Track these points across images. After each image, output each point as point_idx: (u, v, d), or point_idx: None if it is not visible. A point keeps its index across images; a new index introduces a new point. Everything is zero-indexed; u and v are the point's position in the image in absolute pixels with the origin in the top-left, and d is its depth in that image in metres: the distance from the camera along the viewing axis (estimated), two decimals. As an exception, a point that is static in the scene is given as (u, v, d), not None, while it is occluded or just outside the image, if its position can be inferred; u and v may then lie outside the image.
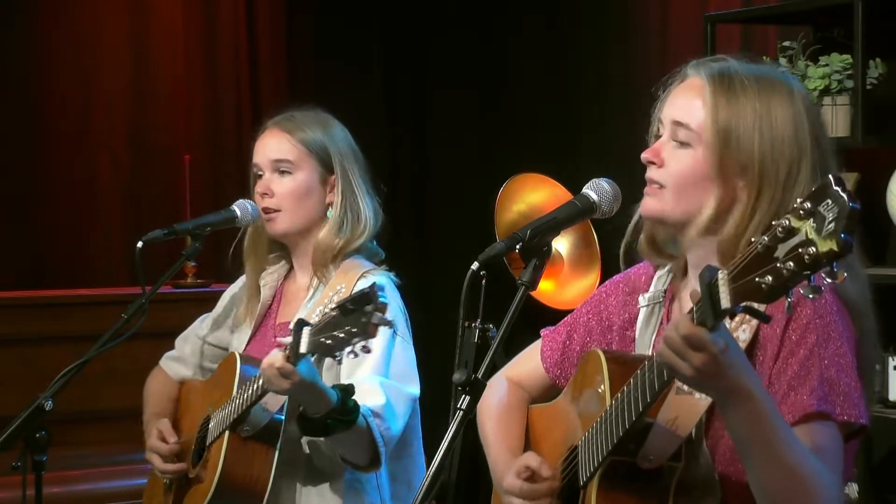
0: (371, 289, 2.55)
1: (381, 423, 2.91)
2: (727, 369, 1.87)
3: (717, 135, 2.14)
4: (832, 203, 1.64)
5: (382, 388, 2.95)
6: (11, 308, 4.49)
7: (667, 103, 2.23)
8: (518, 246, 2.15)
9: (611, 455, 2.11)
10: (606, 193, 2.23)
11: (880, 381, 3.76)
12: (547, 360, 2.51)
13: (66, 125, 5.44)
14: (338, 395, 2.81)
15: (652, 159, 2.20)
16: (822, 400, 2.03)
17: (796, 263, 1.66)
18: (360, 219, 3.17)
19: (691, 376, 1.88)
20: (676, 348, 1.86)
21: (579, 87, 5.32)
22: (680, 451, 2.09)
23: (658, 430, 2.09)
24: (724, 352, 1.85)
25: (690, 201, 2.17)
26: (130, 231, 5.21)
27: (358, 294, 2.57)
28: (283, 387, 2.75)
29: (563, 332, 2.50)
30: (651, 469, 2.10)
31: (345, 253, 3.16)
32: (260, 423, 3.00)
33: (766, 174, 2.13)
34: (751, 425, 1.93)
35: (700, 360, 1.85)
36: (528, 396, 2.54)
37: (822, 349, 2.06)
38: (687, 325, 1.84)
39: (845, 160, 4.09)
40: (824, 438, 2.03)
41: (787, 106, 2.15)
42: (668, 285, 2.32)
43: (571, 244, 4.91)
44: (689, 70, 2.23)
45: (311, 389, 2.77)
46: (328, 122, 3.23)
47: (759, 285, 1.71)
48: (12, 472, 3.10)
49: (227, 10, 5.75)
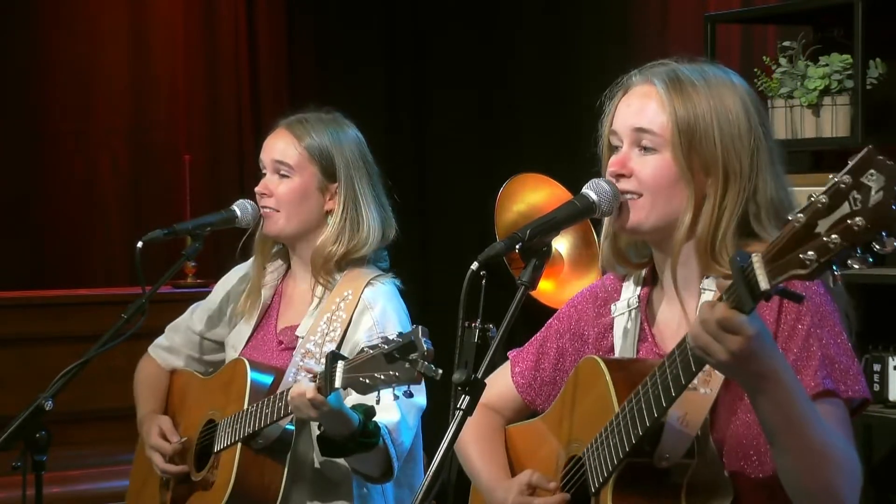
0: (416, 335, 2.53)
1: (396, 440, 2.93)
2: (760, 353, 1.89)
3: (681, 135, 2.16)
4: (877, 173, 1.64)
5: (398, 404, 2.94)
6: (11, 308, 4.49)
7: (619, 114, 2.24)
8: (518, 246, 2.15)
9: (628, 457, 2.11)
10: (606, 193, 2.23)
11: (880, 381, 3.76)
12: (519, 383, 2.49)
13: (66, 125, 5.44)
14: (359, 419, 2.82)
15: (620, 171, 2.21)
16: (828, 378, 2.06)
17: (843, 235, 1.66)
18: (361, 229, 3.15)
19: (726, 360, 1.88)
20: (713, 332, 1.87)
21: (579, 87, 5.31)
22: (693, 448, 2.10)
23: (671, 428, 2.09)
24: (759, 335, 1.87)
25: (666, 205, 2.18)
26: (130, 231, 5.21)
27: (405, 340, 2.55)
28: (312, 416, 2.77)
29: (532, 352, 2.49)
30: (665, 468, 2.10)
31: (348, 260, 3.15)
32: (273, 435, 3.00)
33: (730, 167, 2.15)
34: (781, 409, 1.94)
35: (736, 344, 1.86)
36: (502, 419, 2.53)
37: (818, 329, 2.08)
38: (723, 309, 1.85)
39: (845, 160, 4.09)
40: (836, 415, 2.06)
41: (735, 98, 2.18)
42: (641, 291, 2.32)
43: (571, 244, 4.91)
44: (635, 78, 2.25)
45: (337, 417, 2.79)
46: (340, 129, 3.21)
47: (803, 261, 1.70)
48: (12, 472, 3.11)
49: (227, 10, 5.75)
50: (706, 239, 2.16)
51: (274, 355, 3.17)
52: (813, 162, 4.18)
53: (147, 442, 3.25)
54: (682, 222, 2.17)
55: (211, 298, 3.39)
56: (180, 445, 3.20)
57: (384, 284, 3.13)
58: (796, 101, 3.95)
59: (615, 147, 2.24)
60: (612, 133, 2.25)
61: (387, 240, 3.20)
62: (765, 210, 2.15)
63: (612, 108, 2.26)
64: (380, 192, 3.22)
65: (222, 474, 3.04)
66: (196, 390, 3.31)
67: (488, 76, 5.79)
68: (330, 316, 3.08)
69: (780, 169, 2.20)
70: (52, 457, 3.12)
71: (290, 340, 3.17)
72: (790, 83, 3.96)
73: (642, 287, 2.32)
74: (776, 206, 2.16)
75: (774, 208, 2.16)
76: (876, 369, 3.76)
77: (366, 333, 3.02)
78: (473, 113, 5.85)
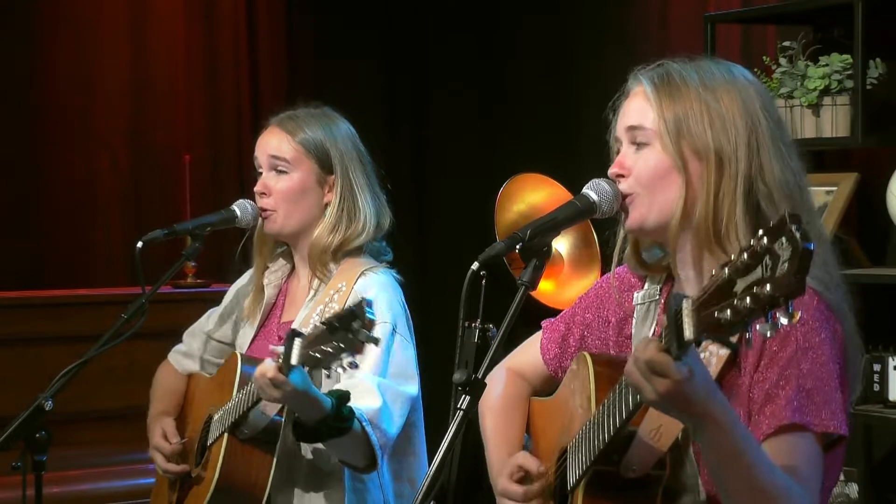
0: (359, 305, 2.56)
1: (377, 426, 2.91)
2: (692, 396, 1.86)
3: (669, 125, 2.17)
4: (786, 242, 1.62)
5: (379, 390, 2.95)
6: (11, 308, 4.49)
7: (619, 120, 2.27)
8: (518, 246, 2.16)
9: (594, 465, 2.12)
10: (606, 193, 2.23)
11: (880, 381, 3.76)
12: (546, 353, 2.52)
13: (66, 125, 5.43)
14: (332, 403, 2.81)
15: (619, 171, 2.23)
16: (798, 411, 2.02)
17: (752, 301, 1.64)
18: (356, 218, 3.16)
19: (654, 400, 1.88)
20: (642, 371, 1.86)
21: (579, 87, 5.32)
22: (664, 460, 2.09)
23: (641, 440, 2.09)
24: (689, 380, 1.84)
25: (663, 198, 2.18)
26: (130, 231, 5.21)
27: (346, 310, 2.58)
28: (275, 396, 2.76)
29: (561, 325, 2.51)
30: (636, 479, 2.10)
31: (344, 251, 3.16)
32: (258, 426, 3.00)
33: (722, 152, 2.15)
34: (719, 451, 1.92)
35: (664, 387, 1.84)
36: (529, 387, 2.55)
37: (801, 358, 2.05)
38: (652, 350, 1.83)
39: (845, 160, 4.10)
40: (798, 450, 2.02)
41: (730, 86, 2.19)
42: (664, 284, 2.33)
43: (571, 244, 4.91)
44: (630, 82, 2.27)
45: (303, 398, 2.78)
46: (332, 122, 3.23)
47: (719, 320, 1.69)
48: (12, 472, 3.11)
49: (227, 10, 5.75)
50: (706, 225, 2.15)
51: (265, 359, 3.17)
52: (813, 162, 4.17)
53: (150, 442, 3.27)
54: (676, 210, 2.17)
55: (224, 302, 3.42)
56: (180, 446, 3.21)
57: (378, 274, 3.13)
58: (796, 101, 3.95)
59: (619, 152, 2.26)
60: (615, 140, 2.28)
61: (382, 228, 3.20)
62: (777, 191, 2.14)
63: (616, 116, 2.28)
64: (374, 181, 3.23)
65: (210, 468, 3.05)
66: (201, 389, 3.32)
67: (488, 76, 5.79)
68: (323, 308, 3.09)
69: (787, 152, 2.18)
70: (52, 457, 3.12)
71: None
72: (790, 83, 3.96)
73: (664, 283, 2.33)
74: (785, 187, 2.15)
75: (786, 189, 2.15)
76: (876, 369, 3.76)
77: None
78: (473, 113, 5.85)
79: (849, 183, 3.98)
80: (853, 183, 3.98)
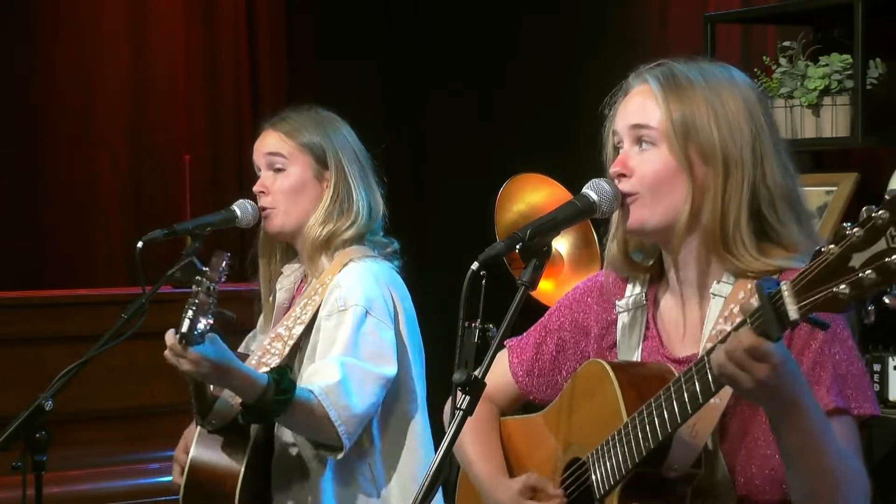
0: (214, 258, 2.72)
1: (335, 399, 2.90)
2: (787, 380, 1.89)
3: (676, 127, 2.16)
4: None
5: (340, 366, 2.95)
6: (11, 308, 4.48)
7: (618, 115, 2.25)
8: (518, 246, 2.15)
9: (637, 468, 2.10)
10: (606, 193, 2.22)
11: (880, 381, 3.76)
12: (516, 373, 2.49)
13: (66, 125, 5.44)
14: (269, 378, 2.83)
15: (622, 171, 2.21)
16: (839, 396, 2.06)
17: (879, 273, 1.66)
18: (349, 209, 3.16)
19: (752, 388, 1.89)
20: (739, 360, 1.87)
21: (579, 87, 5.32)
22: (700, 457, 2.10)
23: (680, 439, 2.09)
24: (785, 363, 1.88)
25: (667, 200, 2.17)
26: (130, 231, 5.21)
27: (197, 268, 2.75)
28: (185, 368, 2.80)
29: (531, 342, 2.48)
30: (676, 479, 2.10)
31: (336, 243, 3.15)
32: (225, 414, 2.99)
33: (729, 156, 2.14)
34: (803, 434, 1.95)
35: (763, 372, 1.87)
36: (496, 409, 2.53)
37: (830, 345, 2.08)
38: (750, 337, 1.85)
39: (845, 160, 4.10)
40: (847, 434, 2.07)
41: (734, 90, 2.18)
42: (648, 289, 2.32)
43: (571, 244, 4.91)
44: (632, 80, 2.26)
45: (227, 372, 2.81)
46: (324, 119, 3.24)
47: (836, 295, 1.71)
48: (12, 472, 3.10)
49: (227, 10, 5.75)
50: (714, 228, 2.14)
51: None
52: (813, 162, 4.18)
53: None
54: (682, 213, 2.16)
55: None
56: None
57: (364, 262, 3.13)
58: (796, 101, 3.95)
59: (618, 150, 2.24)
60: (614, 133, 2.25)
61: (374, 219, 3.20)
62: (778, 197, 2.15)
63: (614, 112, 2.27)
64: (369, 174, 3.23)
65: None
66: None
67: (488, 76, 5.79)
68: (307, 301, 3.09)
69: (786, 158, 2.19)
70: (52, 457, 3.12)
71: None
72: (790, 83, 3.96)
73: (649, 286, 2.31)
74: (785, 191, 2.16)
75: (786, 195, 2.16)
76: (876, 369, 3.76)
77: (327, 310, 3.03)
78: (473, 113, 5.85)
79: (849, 183, 3.98)
80: (853, 183, 3.98)
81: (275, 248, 3.29)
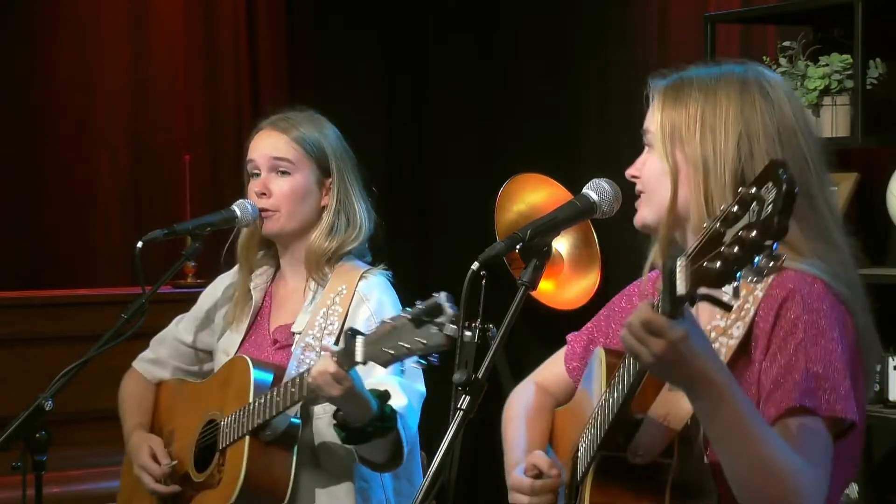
0: (441, 299, 2.54)
1: (405, 424, 2.94)
2: (688, 356, 1.88)
3: (663, 130, 2.19)
4: (772, 185, 1.68)
5: (402, 389, 2.97)
6: (11, 308, 4.49)
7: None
8: (518, 246, 2.16)
9: (601, 450, 2.13)
10: (606, 193, 2.23)
11: (880, 381, 3.76)
12: (570, 365, 2.53)
13: (66, 125, 5.44)
14: (377, 403, 2.85)
15: (633, 174, 2.26)
16: (806, 394, 2.02)
17: (740, 247, 1.68)
18: (353, 221, 3.18)
19: (652, 363, 1.89)
20: (637, 334, 1.88)
21: (579, 87, 5.32)
22: (671, 447, 2.09)
23: (648, 425, 2.09)
24: (684, 339, 1.86)
25: (657, 198, 2.20)
26: (130, 231, 5.21)
27: (430, 306, 2.55)
28: (334, 394, 2.78)
29: (584, 337, 2.52)
30: (644, 465, 2.10)
31: (339, 255, 3.17)
32: (281, 427, 3.00)
33: (707, 161, 2.15)
34: (717, 414, 1.93)
35: (659, 347, 1.86)
36: (553, 400, 2.56)
37: (809, 345, 2.05)
38: (646, 310, 1.86)
39: (845, 160, 4.10)
40: (807, 433, 2.02)
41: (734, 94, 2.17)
42: None
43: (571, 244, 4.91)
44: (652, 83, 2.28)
45: (357, 398, 2.81)
46: (322, 124, 3.24)
47: (709, 270, 1.73)
48: (12, 472, 3.10)
49: (227, 10, 5.75)
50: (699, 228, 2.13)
51: (269, 355, 3.17)
52: (813, 162, 4.17)
53: (136, 461, 3.23)
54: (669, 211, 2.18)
55: (197, 307, 3.39)
56: (169, 469, 3.18)
57: (377, 276, 3.16)
58: (796, 101, 3.95)
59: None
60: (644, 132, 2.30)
61: (371, 227, 3.21)
62: None
63: None
64: (361, 182, 3.24)
65: (231, 470, 3.03)
66: (189, 394, 3.29)
67: (488, 76, 5.78)
68: (326, 311, 3.09)
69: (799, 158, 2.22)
70: (52, 457, 3.12)
71: (285, 338, 3.18)
72: (790, 83, 3.97)
73: None
74: None
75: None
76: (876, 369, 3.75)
77: (364, 324, 3.04)
78: (473, 113, 5.85)
79: (849, 183, 3.98)
80: (853, 183, 3.98)
81: (255, 247, 3.28)
